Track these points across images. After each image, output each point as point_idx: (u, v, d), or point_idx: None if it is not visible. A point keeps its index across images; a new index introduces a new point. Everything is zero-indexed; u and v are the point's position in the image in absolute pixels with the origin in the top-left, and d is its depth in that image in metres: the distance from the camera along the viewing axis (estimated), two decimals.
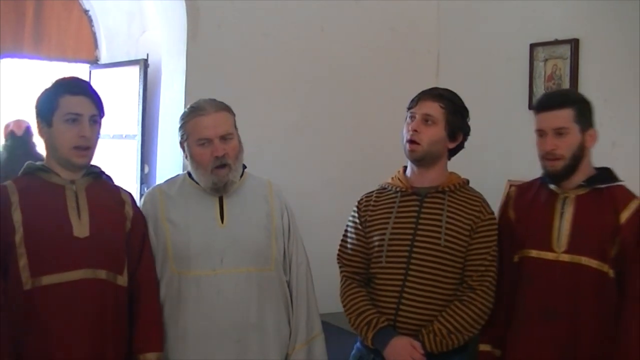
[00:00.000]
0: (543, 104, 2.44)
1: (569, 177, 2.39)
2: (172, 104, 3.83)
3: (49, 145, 2.35)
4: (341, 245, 2.61)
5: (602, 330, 2.31)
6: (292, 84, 3.91)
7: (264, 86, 3.82)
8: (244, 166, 2.60)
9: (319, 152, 3.98)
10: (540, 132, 2.41)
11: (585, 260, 2.32)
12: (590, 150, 2.41)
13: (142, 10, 5.46)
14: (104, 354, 2.28)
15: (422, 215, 2.47)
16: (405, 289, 2.42)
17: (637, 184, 2.47)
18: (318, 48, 3.97)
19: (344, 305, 2.52)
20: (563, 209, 2.38)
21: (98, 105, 2.35)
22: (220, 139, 2.43)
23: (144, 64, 5.06)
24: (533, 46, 3.68)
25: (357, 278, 2.54)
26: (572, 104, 2.37)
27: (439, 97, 2.50)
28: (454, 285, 2.43)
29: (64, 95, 2.30)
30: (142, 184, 4.98)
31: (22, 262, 2.21)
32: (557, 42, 3.57)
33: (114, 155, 5.09)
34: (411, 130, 2.47)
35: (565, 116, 2.35)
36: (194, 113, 2.47)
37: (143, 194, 2.96)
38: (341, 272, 2.57)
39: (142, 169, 5.03)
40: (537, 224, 2.42)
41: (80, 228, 2.28)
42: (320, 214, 3.69)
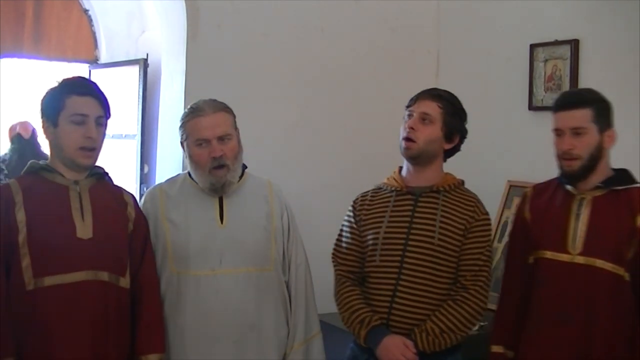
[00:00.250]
0: (561, 103, 2.41)
1: (585, 178, 2.37)
2: (171, 103, 3.83)
3: (54, 145, 2.35)
4: (336, 244, 2.62)
5: (616, 334, 2.29)
6: (292, 84, 3.91)
7: (263, 86, 3.82)
8: (244, 166, 2.60)
9: (319, 152, 3.97)
10: (558, 132, 2.38)
11: (600, 262, 2.30)
12: (609, 151, 2.38)
13: (141, 10, 5.46)
14: (105, 355, 2.29)
15: (416, 214, 2.48)
16: (398, 287, 2.43)
17: None
18: (318, 48, 3.97)
19: (338, 304, 2.53)
20: (579, 210, 2.36)
21: (104, 106, 2.35)
22: (218, 139, 2.43)
23: (144, 63, 5.06)
24: (533, 46, 3.67)
25: (352, 277, 2.54)
26: (590, 103, 2.34)
27: (438, 98, 2.51)
28: (447, 284, 2.44)
29: (70, 96, 2.30)
30: (141, 183, 4.98)
31: (24, 263, 2.21)
32: (557, 43, 3.56)
33: (113, 155, 5.09)
34: (408, 128, 2.49)
35: (583, 116, 2.33)
36: (193, 114, 2.48)
37: (143, 194, 2.96)
38: (336, 270, 2.58)
39: (142, 169, 5.03)
40: (552, 225, 2.40)
41: (84, 229, 2.28)
42: (319, 213, 3.69)
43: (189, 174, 2.57)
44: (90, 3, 5.50)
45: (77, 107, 2.29)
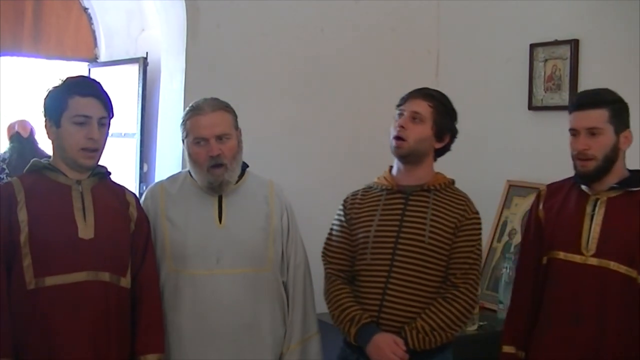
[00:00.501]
0: (577, 103, 2.39)
1: (600, 179, 2.35)
2: (171, 102, 3.83)
3: (56, 145, 2.34)
4: (326, 242, 2.62)
5: (627, 336, 2.27)
6: (292, 83, 3.91)
7: (263, 85, 3.82)
8: (246, 165, 2.60)
9: (318, 152, 3.97)
10: (573, 132, 2.37)
11: (613, 265, 2.28)
12: (625, 152, 2.36)
13: (141, 9, 5.45)
14: (106, 355, 2.29)
15: (407, 212, 2.49)
16: (389, 285, 2.44)
17: None
18: (318, 48, 3.97)
19: (328, 302, 2.53)
20: (594, 211, 2.35)
21: (107, 106, 2.35)
22: (217, 138, 2.44)
23: (143, 62, 5.05)
24: (533, 46, 3.67)
25: (342, 275, 2.55)
26: (606, 104, 2.32)
27: (429, 97, 2.53)
28: (437, 283, 2.45)
29: (73, 97, 2.29)
30: (141, 182, 4.97)
31: (26, 262, 2.21)
32: (557, 43, 3.56)
33: (113, 154, 5.09)
34: (398, 127, 2.50)
35: (598, 116, 2.31)
36: (192, 112, 2.49)
37: (142, 193, 2.96)
38: (326, 269, 2.58)
39: (141, 168, 5.02)
40: (566, 225, 2.38)
41: (86, 230, 2.28)
42: (319, 213, 3.68)
43: (190, 172, 2.57)
44: (89, 2, 5.50)
45: (80, 108, 2.29)
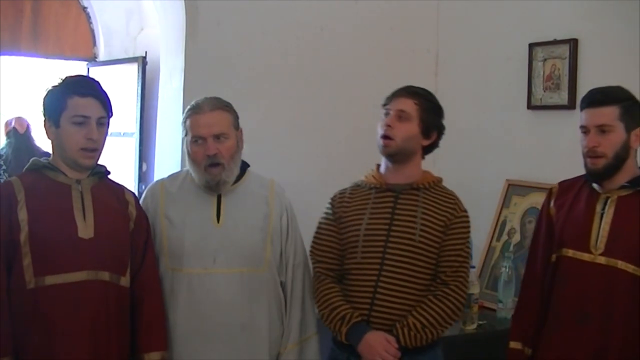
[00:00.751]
0: (588, 100, 2.37)
1: (611, 177, 2.33)
2: (170, 101, 3.83)
3: (56, 145, 2.34)
4: (314, 241, 2.61)
5: (634, 335, 2.25)
6: (291, 82, 3.91)
7: (262, 84, 3.82)
8: (247, 165, 2.60)
9: (317, 150, 3.97)
10: (584, 129, 2.35)
11: (621, 264, 2.27)
12: (637, 151, 2.35)
13: (140, 8, 5.45)
14: (106, 354, 2.29)
15: (397, 211, 2.49)
16: (379, 283, 2.44)
17: None
18: (317, 47, 3.97)
19: (318, 301, 2.53)
20: (603, 209, 2.33)
21: (106, 106, 2.35)
22: (214, 138, 2.44)
23: (143, 61, 5.05)
24: (532, 46, 3.67)
25: (331, 274, 2.55)
26: (617, 101, 2.31)
27: (414, 94, 2.53)
28: (427, 281, 2.46)
29: (72, 97, 2.29)
30: (140, 181, 4.98)
31: (26, 261, 2.21)
32: (556, 42, 3.56)
33: (112, 153, 5.09)
34: (385, 126, 2.50)
35: (608, 114, 2.30)
36: (192, 111, 2.50)
37: (141, 192, 2.96)
38: (314, 268, 2.58)
39: (140, 167, 5.03)
40: (576, 223, 2.37)
41: (85, 229, 2.28)
42: (319, 213, 3.68)
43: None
44: (88, 1, 5.50)
45: (79, 109, 2.29)
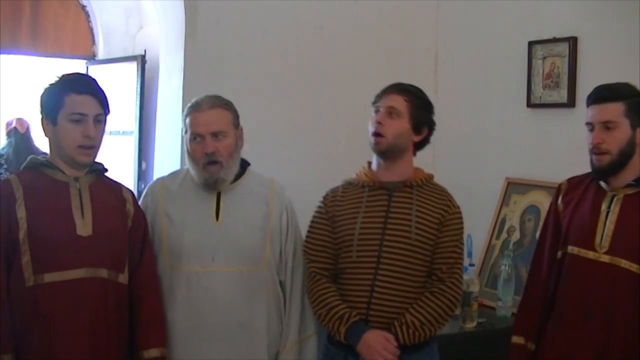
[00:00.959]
0: (594, 96, 2.36)
1: (616, 174, 2.32)
2: (169, 100, 3.83)
3: (53, 143, 2.35)
4: (307, 240, 2.60)
5: (636, 336, 2.24)
6: (290, 80, 3.90)
7: (261, 83, 3.81)
8: (247, 164, 2.59)
9: (317, 150, 3.97)
10: (589, 126, 2.34)
11: (625, 263, 2.26)
12: None
13: (139, 7, 5.45)
14: (105, 351, 2.29)
15: (391, 209, 2.49)
16: (376, 282, 2.44)
17: None
18: (317, 46, 3.97)
19: (313, 301, 2.52)
20: (609, 208, 2.32)
21: (103, 103, 2.35)
22: (212, 136, 2.44)
23: (142, 60, 5.05)
24: (531, 44, 3.67)
25: (326, 274, 2.54)
26: (622, 98, 2.30)
27: (403, 91, 2.53)
28: (423, 278, 2.47)
29: (69, 94, 2.29)
30: (139, 180, 4.98)
31: (25, 259, 2.21)
32: (555, 40, 3.56)
33: (111, 152, 5.09)
34: (376, 123, 2.50)
35: (613, 110, 2.29)
36: (191, 108, 2.50)
37: (141, 191, 2.97)
38: (309, 267, 2.56)
39: (140, 166, 5.03)
40: (581, 221, 2.37)
41: (84, 227, 2.28)
42: None
43: None
44: (88, 0, 5.50)
45: (76, 106, 2.29)
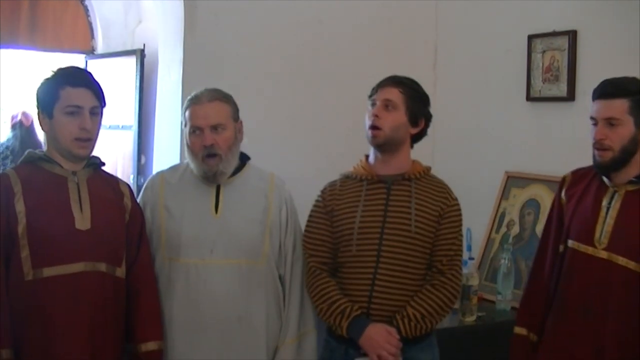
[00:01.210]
0: (599, 91, 2.34)
1: (618, 170, 2.31)
2: (168, 94, 3.82)
3: (50, 136, 2.35)
4: (306, 235, 2.60)
5: (633, 335, 2.24)
6: (290, 75, 3.90)
7: (260, 76, 3.81)
8: (247, 158, 2.60)
9: (316, 144, 3.97)
10: (593, 120, 2.33)
11: (622, 260, 2.26)
12: None
13: (138, 1, 5.44)
14: (103, 345, 2.29)
15: (390, 202, 2.50)
16: (377, 276, 2.45)
17: None
18: (316, 39, 3.96)
19: (313, 296, 2.52)
20: (610, 203, 2.32)
21: (99, 96, 2.35)
22: (211, 128, 2.44)
23: (141, 54, 5.05)
24: (531, 38, 3.67)
25: (325, 268, 2.54)
26: (628, 94, 2.27)
27: (398, 83, 2.53)
28: (423, 270, 2.48)
29: (64, 87, 2.29)
30: (138, 174, 4.98)
31: (24, 253, 2.21)
32: (555, 34, 3.56)
33: (110, 146, 5.09)
34: (372, 116, 2.50)
35: (618, 107, 2.27)
36: (191, 101, 2.51)
37: (140, 185, 2.97)
38: (308, 262, 2.56)
39: (139, 160, 5.03)
40: (583, 215, 2.36)
41: (82, 221, 2.29)
42: None
43: None
44: None
45: (71, 99, 2.29)
